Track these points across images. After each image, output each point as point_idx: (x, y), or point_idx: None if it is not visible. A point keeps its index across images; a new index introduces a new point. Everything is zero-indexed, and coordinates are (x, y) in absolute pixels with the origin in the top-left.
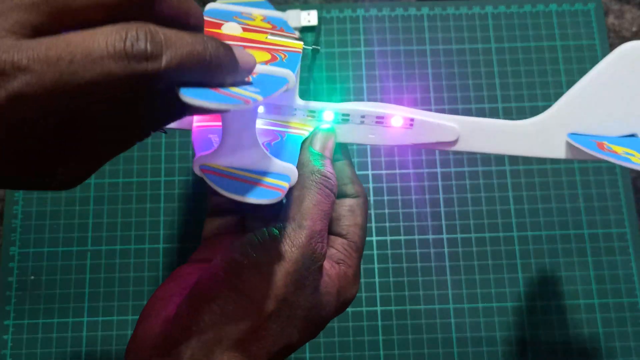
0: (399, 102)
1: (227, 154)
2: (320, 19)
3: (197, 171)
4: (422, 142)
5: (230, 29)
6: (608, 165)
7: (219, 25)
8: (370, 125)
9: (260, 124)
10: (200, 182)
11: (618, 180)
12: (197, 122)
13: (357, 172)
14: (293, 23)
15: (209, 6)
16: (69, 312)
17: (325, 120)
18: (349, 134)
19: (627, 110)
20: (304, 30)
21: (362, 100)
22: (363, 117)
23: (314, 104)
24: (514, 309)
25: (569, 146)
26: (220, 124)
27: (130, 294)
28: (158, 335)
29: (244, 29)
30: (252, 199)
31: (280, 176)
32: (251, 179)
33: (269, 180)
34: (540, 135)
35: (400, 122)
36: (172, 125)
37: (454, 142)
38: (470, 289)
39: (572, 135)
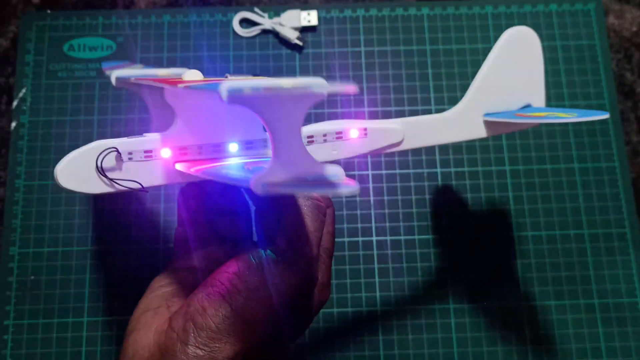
0: (398, 102)
1: (283, 167)
2: (319, 18)
3: (261, 191)
4: (376, 148)
5: (193, 75)
6: (608, 165)
7: (177, 79)
8: (332, 142)
9: (235, 161)
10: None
11: (618, 180)
12: (191, 167)
13: (357, 172)
14: (293, 23)
15: (114, 74)
16: (69, 312)
17: None
18: (316, 154)
19: (520, 86)
20: (304, 30)
21: (361, 101)
22: (325, 135)
23: None
24: (514, 309)
25: (488, 125)
26: (206, 166)
27: (130, 294)
28: (153, 346)
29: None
30: (337, 190)
31: (334, 176)
32: (315, 182)
33: (330, 179)
34: (462, 121)
35: (356, 133)
36: (155, 182)
37: (401, 142)
38: (470, 289)
39: (487, 114)
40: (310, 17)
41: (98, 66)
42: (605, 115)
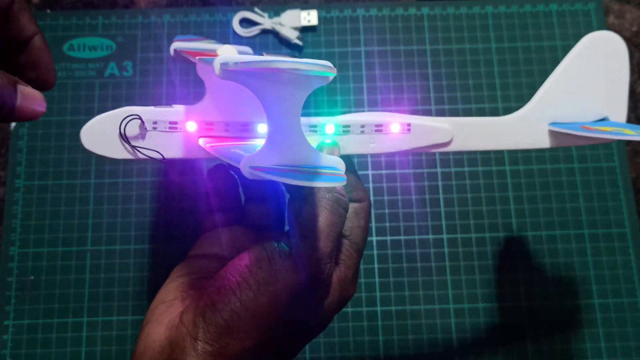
0: (399, 102)
1: (276, 152)
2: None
3: (248, 173)
4: (420, 146)
5: (226, 51)
6: (608, 165)
7: (214, 53)
8: (370, 134)
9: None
10: (202, 182)
11: (618, 180)
12: (208, 143)
13: (359, 172)
14: (293, 23)
15: (174, 45)
16: (69, 312)
17: (327, 133)
18: (351, 145)
19: (597, 96)
20: (304, 30)
21: (361, 101)
22: (363, 126)
23: (314, 120)
24: (513, 309)
25: (552, 134)
26: (228, 143)
27: (129, 294)
28: (164, 341)
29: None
30: (321, 183)
31: (331, 168)
32: (306, 171)
33: (323, 171)
34: (524, 128)
35: (398, 128)
36: (176, 154)
37: (449, 143)
38: (470, 289)
39: (553, 124)
40: (310, 17)
41: (98, 66)
42: None
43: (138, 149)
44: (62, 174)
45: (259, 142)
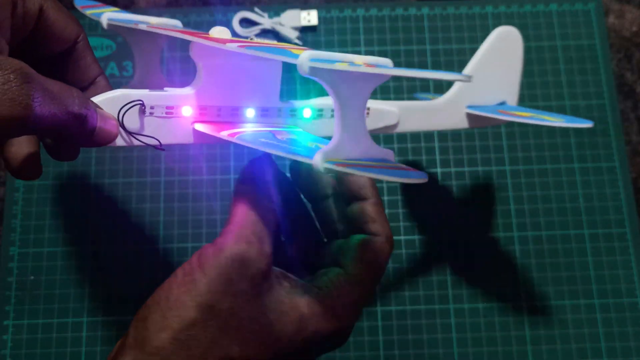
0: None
1: (347, 146)
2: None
3: (322, 167)
4: (375, 128)
5: (220, 32)
6: (608, 165)
7: (205, 34)
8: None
9: (252, 128)
10: (202, 183)
11: (618, 180)
12: (223, 132)
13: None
14: (293, 23)
15: (105, 16)
16: (69, 312)
17: (304, 117)
18: (323, 129)
19: (501, 83)
20: (304, 30)
21: None
22: (333, 110)
23: (296, 103)
24: (514, 309)
25: (470, 117)
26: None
27: (129, 294)
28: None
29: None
30: (415, 179)
31: (386, 160)
32: (377, 164)
33: (389, 164)
34: (450, 111)
35: None
36: (173, 141)
37: (396, 125)
38: (470, 289)
39: (470, 107)
40: (310, 17)
41: None
42: (590, 124)
43: (135, 135)
44: (62, 174)
45: (250, 127)
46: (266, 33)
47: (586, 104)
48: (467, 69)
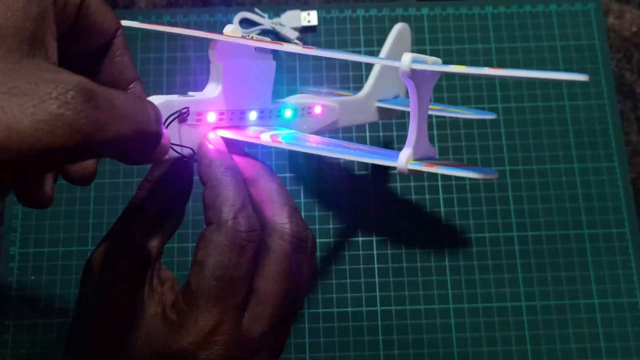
0: None
1: (418, 146)
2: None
3: (406, 169)
4: (325, 125)
5: (234, 31)
6: (608, 165)
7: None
8: (305, 117)
9: (255, 130)
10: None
11: (618, 180)
12: (277, 139)
13: (359, 172)
14: (293, 23)
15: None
16: (69, 312)
17: (286, 117)
18: (297, 128)
19: (397, 77)
20: (304, 30)
21: None
22: (303, 109)
23: (279, 103)
24: (514, 309)
25: (379, 110)
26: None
27: None
28: None
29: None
30: (492, 175)
31: (435, 158)
32: (451, 162)
33: (457, 162)
34: (366, 105)
35: (320, 110)
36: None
37: (337, 122)
38: (470, 289)
39: (380, 100)
40: (310, 17)
41: None
42: (493, 116)
43: (173, 147)
44: None
45: (253, 129)
46: (266, 33)
47: (586, 104)
48: (377, 66)
